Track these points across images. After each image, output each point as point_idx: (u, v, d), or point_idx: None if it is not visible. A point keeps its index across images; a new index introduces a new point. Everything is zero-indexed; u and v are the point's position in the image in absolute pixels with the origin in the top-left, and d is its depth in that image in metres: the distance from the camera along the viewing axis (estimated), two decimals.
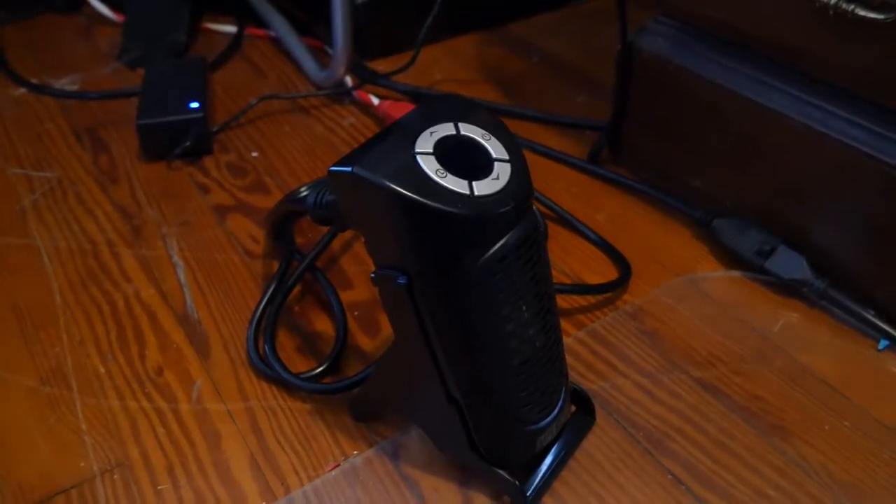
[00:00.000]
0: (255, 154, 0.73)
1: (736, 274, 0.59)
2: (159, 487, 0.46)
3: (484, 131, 0.39)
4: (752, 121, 0.57)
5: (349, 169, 0.36)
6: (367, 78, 0.81)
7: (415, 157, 0.36)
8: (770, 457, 0.47)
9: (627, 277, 0.58)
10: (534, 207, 0.62)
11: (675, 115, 0.64)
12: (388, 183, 0.35)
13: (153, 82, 0.76)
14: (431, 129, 0.38)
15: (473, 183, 0.36)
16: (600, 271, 0.60)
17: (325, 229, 0.60)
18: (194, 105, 0.71)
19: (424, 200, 0.35)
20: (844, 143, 0.52)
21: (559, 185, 0.68)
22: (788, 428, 0.48)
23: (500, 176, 0.37)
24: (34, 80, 0.84)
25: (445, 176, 0.36)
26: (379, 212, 0.37)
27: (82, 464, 0.47)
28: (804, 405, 0.50)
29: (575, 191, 0.68)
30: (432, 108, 0.40)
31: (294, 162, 0.72)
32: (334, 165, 0.37)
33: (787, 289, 0.57)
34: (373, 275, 0.39)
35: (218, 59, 0.87)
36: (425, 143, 0.37)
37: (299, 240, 0.62)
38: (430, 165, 0.36)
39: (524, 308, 0.40)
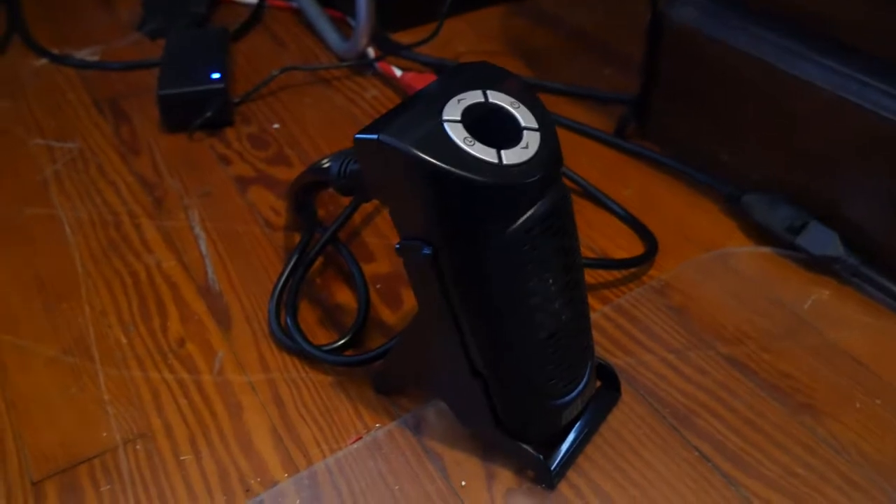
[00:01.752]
0: (276, 126, 0.72)
1: (766, 250, 0.58)
2: (182, 458, 0.46)
3: (513, 99, 0.38)
4: (785, 92, 0.56)
5: (375, 136, 0.35)
6: (389, 49, 0.80)
7: (442, 124, 0.36)
8: (799, 435, 0.46)
9: (654, 252, 0.57)
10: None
11: (705, 88, 0.62)
12: (414, 151, 0.34)
13: (174, 53, 0.76)
14: (459, 97, 0.37)
15: (502, 152, 0.36)
16: (626, 247, 0.59)
17: (346, 202, 0.60)
18: (216, 76, 0.71)
19: (452, 169, 0.34)
20: (881, 115, 0.50)
21: (585, 160, 0.67)
22: (818, 406, 0.47)
23: (530, 145, 0.37)
24: (55, 51, 0.83)
25: (473, 144, 0.35)
26: (404, 180, 0.36)
27: (105, 434, 0.47)
28: (834, 383, 0.49)
29: (601, 165, 0.67)
30: (460, 75, 0.39)
31: (316, 134, 0.71)
32: (360, 133, 0.36)
33: (819, 265, 0.56)
34: (397, 245, 0.39)
35: (239, 29, 0.86)
36: (453, 111, 0.36)
37: (321, 212, 0.61)
38: (457, 133, 0.35)
39: (551, 281, 0.39)
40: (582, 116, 0.72)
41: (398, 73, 0.75)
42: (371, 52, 0.79)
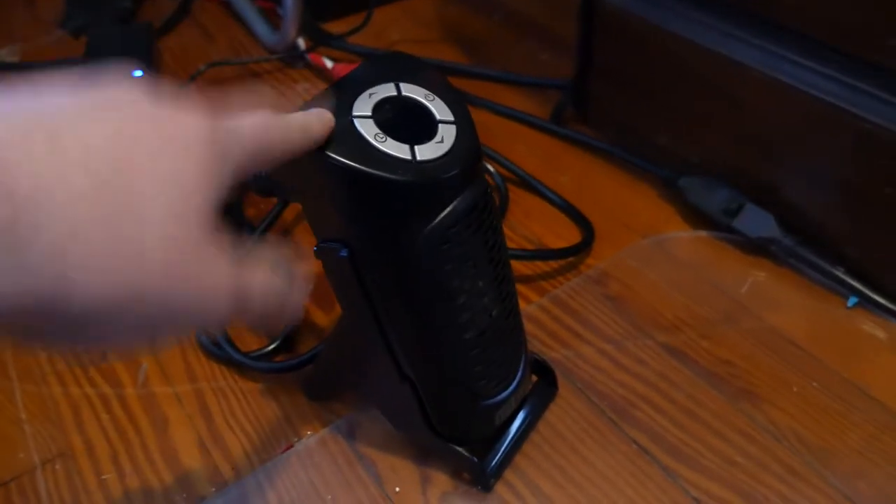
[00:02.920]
0: None
1: (703, 234, 0.57)
2: (103, 477, 0.44)
3: (427, 91, 0.36)
4: (719, 75, 0.55)
5: None
6: (321, 40, 0.78)
7: (352, 121, 0.34)
8: (738, 423, 0.45)
9: (590, 241, 0.56)
10: (490, 168, 0.61)
11: (639, 71, 0.61)
12: (323, 150, 0.33)
13: (96, 50, 0.73)
14: (371, 91, 0.35)
15: (416, 147, 0.34)
16: (564, 235, 0.58)
17: (275, 200, 0.58)
18: (138, 73, 0.68)
19: (362, 167, 0.33)
20: (815, 96, 0.50)
21: (522, 147, 0.66)
22: (757, 392, 0.47)
23: (445, 139, 0.35)
24: None
25: (385, 140, 0.34)
26: (315, 181, 0.34)
27: (22, 455, 0.45)
28: (772, 367, 0.48)
29: (539, 152, 0.65)
30: (373, 67, 0.37)
31: None
32: None
33: (756, 247, 0.55)
34: (315, 248, 0.37)
35: (166, 23, 0.83)
36: (363, 106, 0.35)
37: (250, 211, 0.59)
38: (368, 130, 0.34)
39: (477, 278, 0.38)
40: (519, 103, 0.70)
41: (329, 64, 0.73)
42: (302, 43, 0.77)
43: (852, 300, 0.52)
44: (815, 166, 0.52)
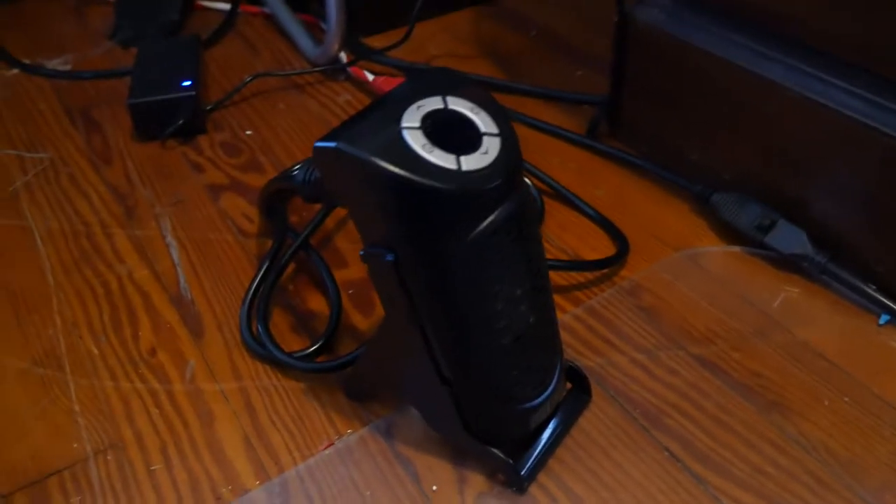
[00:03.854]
0: (249, 132, 0.72)
1: (736, 249, 0.58)
2: (153, 468, 0.46)
3: (473, 105, 0.38)
4: (750, 92, 0.56)
5: (333, 144, 0.35)
6: (362, 54, 0.80)
7: (401, 131, 0.36)
8: (769, 433, 0.46)
9: (625, 253, 0.58)
10: (528, 182, 0.62)
11: (672, 88, 0.63)
12: (372, 158, 0.34)
13: (145, 61, 0.76)
14: (419, 104, 0.37)
15: (461, 158, 0.36)
16: (598, 248, 0.59)
17: (318, 207, 0.60)
18: (187, 83, 0.71)
19: (410, 176, 0.34)
20: (843, 113, 0.51)
21: (557, 161, 0.67)
22: (787, 404, 0.48)
23: (489, 150, 0.37)
24: (27, 61, 0.83)
25: (432, 151, 0.35)
26: (364, 188, 0.36)
27: (75, 445, 0.47)
28: (803, 381, 0.49)
29: (573, 166, 0.67)
30: (420, 81, 0.39)
31: (289, 140, 0.71)
32: (319, 141, 0.36)
33: (788, 264, 0.56)
34: (362, 252, 0.39)
35: (212, 36, 0.86)
36: (412, 118, 0.36)
37: (293, 218, 0.61)
38: (416, 140, 0.35)
39: (515, 285, 0.39)
40: (554, 118, 0.72)
41: (370, 77, 0.75)
42: (343, 56, 0.79)
43: (884, 318, 0.52)
44: (845, 183, 0.53)
